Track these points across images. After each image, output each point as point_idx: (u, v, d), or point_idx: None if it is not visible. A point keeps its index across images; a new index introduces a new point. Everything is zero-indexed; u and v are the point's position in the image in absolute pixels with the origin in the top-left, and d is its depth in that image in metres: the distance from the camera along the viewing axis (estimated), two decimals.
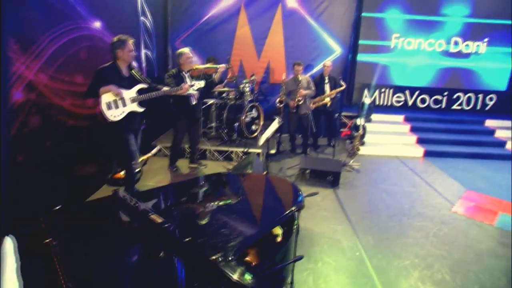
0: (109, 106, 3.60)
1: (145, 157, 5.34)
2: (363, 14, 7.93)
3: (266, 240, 1.96)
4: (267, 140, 4.25)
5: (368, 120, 7.29)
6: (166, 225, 1.69)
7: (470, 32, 8.23)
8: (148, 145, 5.72)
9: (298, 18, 7.14)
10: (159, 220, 1.74)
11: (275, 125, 4.21)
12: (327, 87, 6.47)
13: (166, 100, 4.95)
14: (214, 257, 1.48)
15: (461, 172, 5.98)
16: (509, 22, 8.15)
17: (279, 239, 1.99)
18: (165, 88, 4.03)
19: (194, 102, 4.67)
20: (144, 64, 5.97)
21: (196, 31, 7.23)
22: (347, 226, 3.91)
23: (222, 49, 7.16)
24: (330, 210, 4.29)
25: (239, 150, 5.53)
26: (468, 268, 3.23)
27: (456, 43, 8.32)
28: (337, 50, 7.23)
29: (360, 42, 8.15)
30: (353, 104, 8.21)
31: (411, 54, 8.42)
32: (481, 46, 8.36)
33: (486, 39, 8.30)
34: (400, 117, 7.85)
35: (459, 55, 8.43)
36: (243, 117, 5.65)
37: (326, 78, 6.49)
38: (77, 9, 3.80)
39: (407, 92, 8.57)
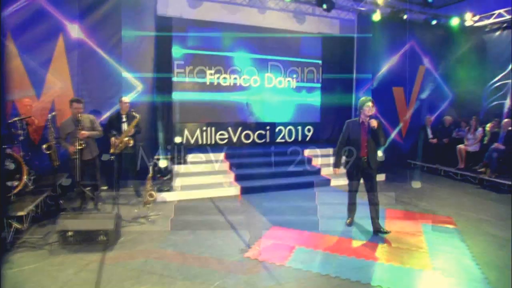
0: None
1: None
2: (173, 48, 7.48)
3: None
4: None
5: (180, 161, 6.53)
6: None
7: (280, 69, 8.67)
8: None
9: (87, 51, 6.07)
10: None
11: None
12: (125, 126, 5.53)
13: None
14: None
15: (275, 206, 5.62)
16: (313, 61, 8.95)
17: None
18: None
19: None
20: None
21: None
22: None
23: None
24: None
25: None
26: None
27: (270, 79, 8.60)
28: (139, 86, 6.40)
29: (174, 79, 7.62)
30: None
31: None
32: (292, 82, 8.85)
33: (294, 75, 8.84)
34: (221, 155, 7.37)
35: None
36: None
37: (124, 116, 5.57)
38: None
39: (230, 129, 8.31)
